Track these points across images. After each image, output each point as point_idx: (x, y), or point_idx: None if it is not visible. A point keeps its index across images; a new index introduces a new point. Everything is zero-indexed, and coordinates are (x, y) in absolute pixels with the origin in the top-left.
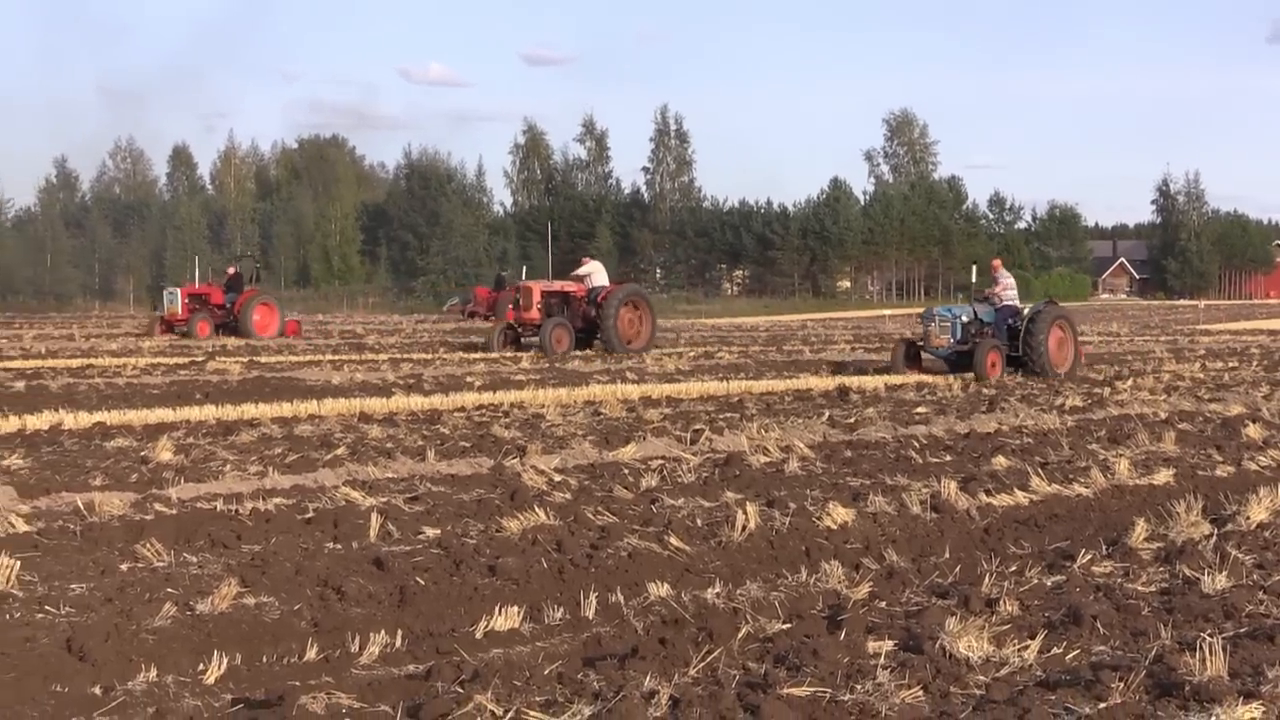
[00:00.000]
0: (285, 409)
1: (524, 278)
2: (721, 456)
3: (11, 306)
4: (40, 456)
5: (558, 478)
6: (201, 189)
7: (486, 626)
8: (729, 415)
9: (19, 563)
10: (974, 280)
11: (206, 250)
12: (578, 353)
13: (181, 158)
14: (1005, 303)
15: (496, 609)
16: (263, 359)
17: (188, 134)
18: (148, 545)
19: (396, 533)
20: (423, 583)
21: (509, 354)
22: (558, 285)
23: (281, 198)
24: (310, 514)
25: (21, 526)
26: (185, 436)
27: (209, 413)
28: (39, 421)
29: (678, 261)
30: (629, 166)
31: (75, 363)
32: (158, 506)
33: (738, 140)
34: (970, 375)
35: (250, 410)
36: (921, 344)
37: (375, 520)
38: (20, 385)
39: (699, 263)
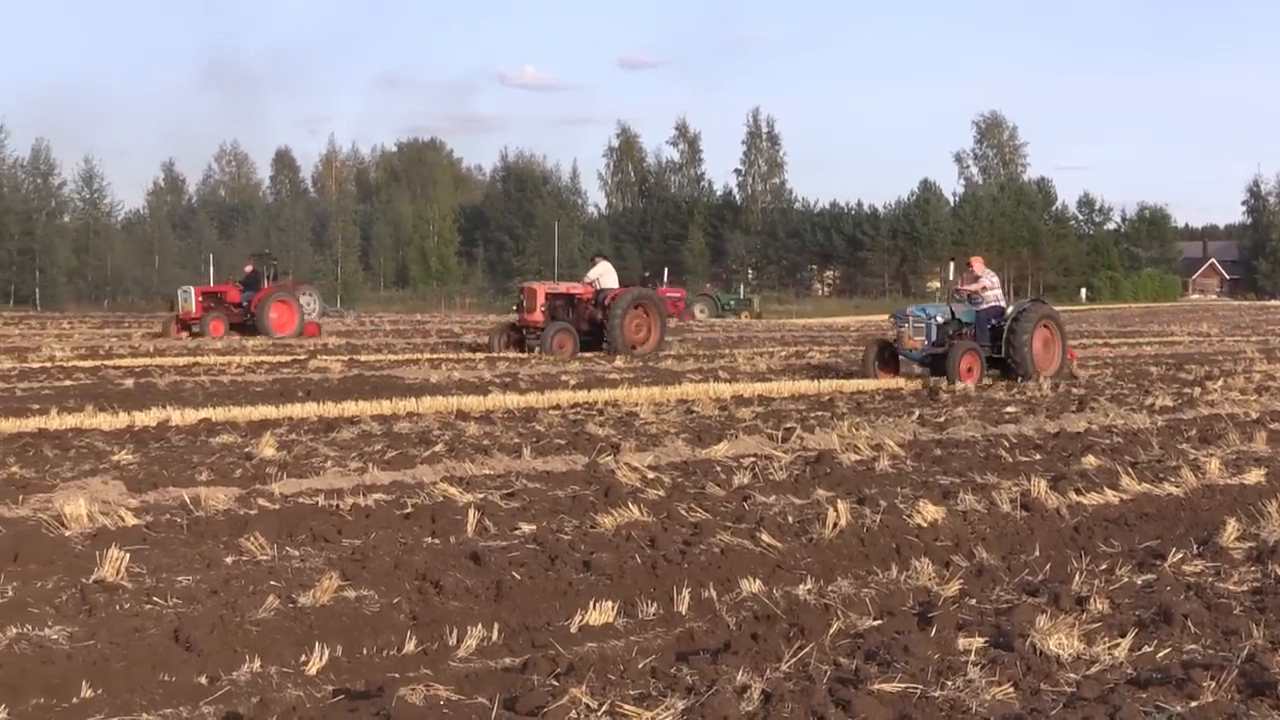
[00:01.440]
0: (384, 406)
1: (665, 279)
2: (813, 454)
3: (121, 306)
4: (148, 452)
5: (651, 475)
6: (304, 192)
7: (581, 621)
8: (820, 414)
9: (128, 555)
10: (950, 276)
11: (309, 251)
12: (661, 353)
13: (284, 161)
14: (989, 303)
15: (591, 603)
16: (363, 358)
17: (290, 138)
18: (251, 539)
19: (493, 528)
20: (519, 577)
21: (510, 354)
22: (563, 287)
23: (381, 200)
24: (409, 509)
25: (131, 520)
26: (287, 433)
27: (310, 410)
28: (147, 418)
29: (769, 262)
30: (721, 169)
31: (182, 361)
32: (261, 501)
33: (828, 142)
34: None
35: (350, 408)
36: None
37: (472, 516)
38: (129, 383)
39: (790, 263)
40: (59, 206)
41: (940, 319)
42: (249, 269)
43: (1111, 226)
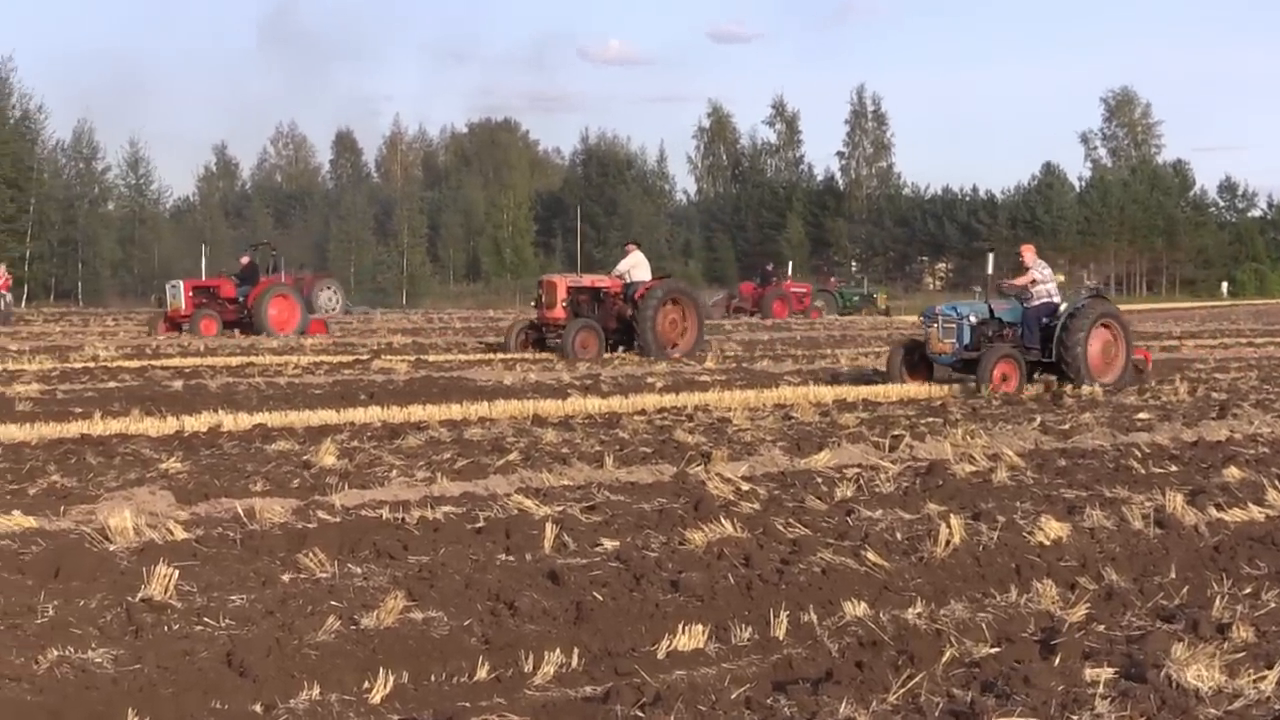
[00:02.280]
0: (454, 411)
1: (791, 273)
2: (923, 465)
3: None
4: (199, 460)
5: (745, 487)
6: (366, 177)
7: (669, 646)
8: (931, 420)
9: (177, 572)
10: (989, 271)
11: (372, 242)
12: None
13: (345, 143)
14: (1040, 299)
15: (679, 627)
16: (430, 358)
17: (352, 119)
18: (310, 555)
19: (572, 544)
20: (600, 598)
21: (529, 354)
22: (587, 280)
23: (450, 186)
24: (481, 523)
25: (180, 534)
26: (349, 440)
27: (374, 414)
28: (197, 423)
29: (875, 253)
30: (822, 151)
31: (234, 361)
32: (320, 514)
33: (940, 122)
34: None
35: (417, 412)
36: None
37: (550, 530)
38: (178, 384)
39: (898, 255)
40: (102, 193)
41: (974, 318)
42: (245, 260)
43: (1257, 214)
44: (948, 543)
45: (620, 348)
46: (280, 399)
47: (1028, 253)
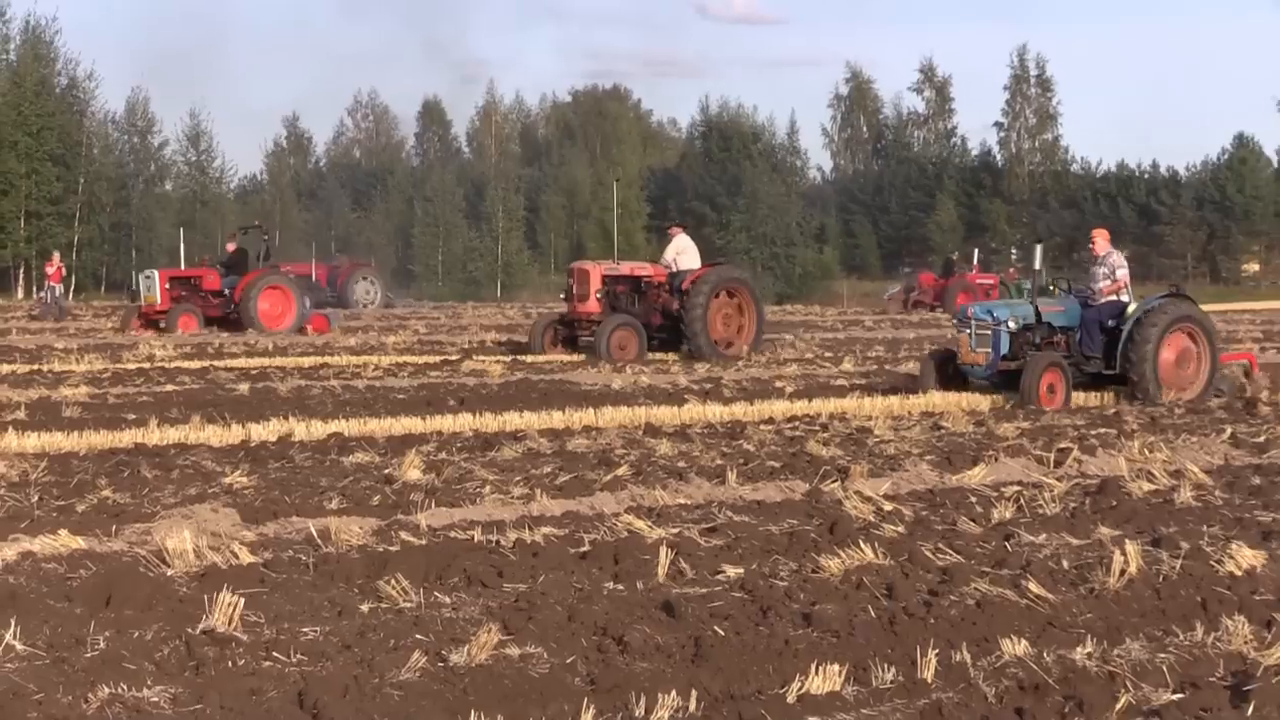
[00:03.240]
0: (556, 419)
1: (974, 263)
2: (1093, 483)
3: None
4: (267, 474)
5: (888, 506)
6: (456, 152)
7: (800, 688)
8: (1103, 431)
9: (243, 600)
10: (1036, 265)
11: (462, 225)
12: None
13: (433, 115)
14: (1104, 297)
15: (812, 667)
16: (528, 359)
17: (440, 87)
18: (392, 581)
19: (690, 571)
20: (722, 633)
21: (558, 355)
22: (626, 268)
23: (551, 162)
24: (586, 547)
25: (246, 557)
26: (436, 451)
27: (464, 422)
28: (265, 431)
29: (1038, 239)
30: (977, 122)
31: (307, 361)
32: (404, 535)
33: (1114, 88)
34: None
35: (514, 420)
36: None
37: (664, 555)
38: (244, 388)
39: (1065, 240)
40: (159, 171)
41: (1013, 323)
42: (231, 247)
43: None
44: (1122, 572)
45: (667, 349)
46: (358, 404)
47: (1100, 238)
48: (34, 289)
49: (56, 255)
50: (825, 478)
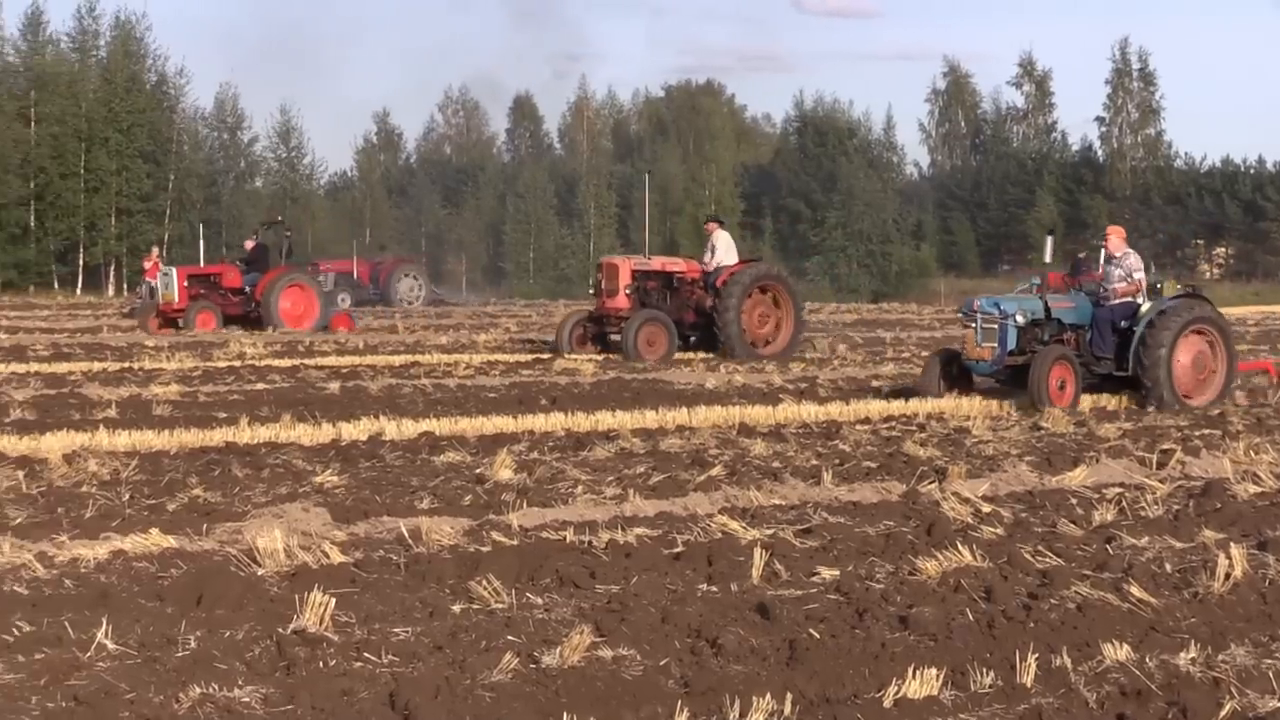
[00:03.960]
0: (649, 418)
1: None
2: (1197, 485)
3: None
4: (358, 473)
5: (986, 508)
6: (548, 148)
7: (897, 693)
8: (1207, 432)
9: (334, 600)
10: (1046, 258)
11: (554, 222)
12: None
13: (524, 110)
14: (1119, 296)
15: (909, 670)
16: (619, 356)
17: (532, 82)
18: (484, 582)
19: (785, 573)
20: (817, 635)
21: (584, 355)
22: (657, 263)
23: (645, 159)
24: (679, 548)
25: (337, 557)
26: (528, 451)
27: (556, 422)
28: (356, 431)
29: (1142, 236)
30: (1078, 117)
31: (398, 360)
32: (496, 535)
33: (1220, 82)
34: None
35: (606, 419)
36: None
37: (759, 557)
38: (334, 387)
39: (1169, 238)
40: (249, 168)
41: (1021, 318)
42: (251, 244)
43: None
44: (1227, 576)
45: (701, 347)
46: (450, 403)
47: (1115, 235)
48: (124, 287)
49: (155, 250)
50: (922, 479)
